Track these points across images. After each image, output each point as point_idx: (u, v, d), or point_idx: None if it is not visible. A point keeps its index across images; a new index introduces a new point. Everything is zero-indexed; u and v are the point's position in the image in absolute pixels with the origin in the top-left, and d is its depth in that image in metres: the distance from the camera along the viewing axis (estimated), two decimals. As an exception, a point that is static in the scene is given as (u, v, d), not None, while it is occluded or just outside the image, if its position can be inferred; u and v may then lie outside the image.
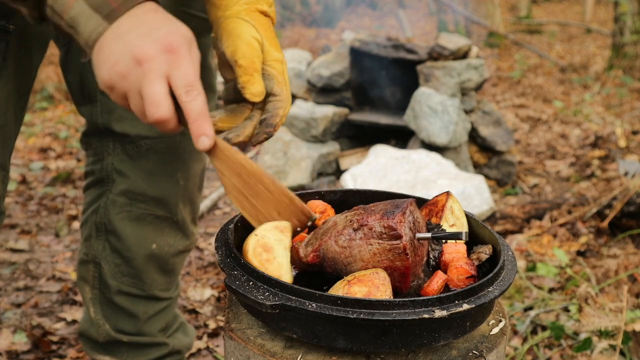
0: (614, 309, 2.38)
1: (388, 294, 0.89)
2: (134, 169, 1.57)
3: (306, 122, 4.40)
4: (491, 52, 10.35)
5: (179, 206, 1.62)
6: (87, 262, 1.64)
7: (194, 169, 1.64)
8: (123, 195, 1.58)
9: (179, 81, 0.95)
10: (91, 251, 1.63)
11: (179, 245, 1.67)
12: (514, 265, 1.00)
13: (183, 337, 1.79)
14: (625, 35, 8.02)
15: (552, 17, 14.86)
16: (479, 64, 4.47)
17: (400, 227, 0.93)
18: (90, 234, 1.63)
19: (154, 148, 1.56)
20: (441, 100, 4.19)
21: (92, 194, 1.64)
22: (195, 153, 1.64)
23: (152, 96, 0.94)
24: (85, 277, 1.66)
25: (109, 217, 1.59)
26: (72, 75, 1.54)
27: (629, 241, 3.24)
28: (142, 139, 1.54)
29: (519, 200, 4.10)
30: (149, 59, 0.94)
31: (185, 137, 1.59)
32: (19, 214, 3.73)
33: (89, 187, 1.65)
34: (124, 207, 1.58)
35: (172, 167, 1.59)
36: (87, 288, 1.66)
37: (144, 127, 1.53)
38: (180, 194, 1.62)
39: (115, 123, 1.54)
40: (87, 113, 1.57)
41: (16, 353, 2.31)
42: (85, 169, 1.67)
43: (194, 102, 0.96)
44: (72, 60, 1.51)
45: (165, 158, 1.57)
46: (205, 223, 3.71)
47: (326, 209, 1.17)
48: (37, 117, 5.91)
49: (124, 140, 1.55)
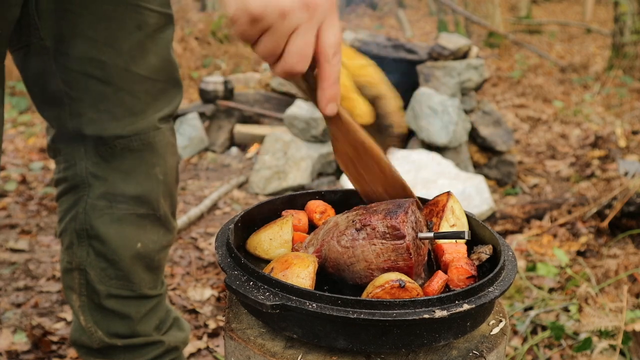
0: (614, 309, 2.38)
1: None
2: (110, 170, 1.53)
3: (306, 122, 4.40)
4: (491, 52, 10.35)
5: (160, 201, 1.60)
6: (71, 270, 1.60)
7: (171, 162, 1.62)
8: (102, 199, 1.54)
9: (332, 40, 0.89)
10: (75, 259, 1.58)
11: (162, 241, 1.64)
12: (514, 265, 1.00)
13: (178, 333, 1.77)
14: (625, 35, 8.02)
15: (552, 17, 14.86)
16: (479, 64, 4.47)
17: (403, 227, 0.93)
18: (71, 242, 1.58)
19: (128, 147, 1.52)
20: (441, 100, 4.19)
21: (68, 201, 1.59)
22: (170, 146, 1.62)
23: (303, 47, 0.87)
24: (71, 286, 1.61)
25: (90, 223, 1.55)
26: (33, 79, 1.48)
27: (629, 241, 3.24)
28: (115, 139, 1.50)
29: (519, 200, 4.10)
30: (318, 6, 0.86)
31: (159, 131, 1.56)
32: (19, 214, 3.73)
33: (63, 194, 1.60)
34: (105, 210, 1.54)
35: (150, 163, 1.56)
36: (75, 296, 1.62)
37: (117, 127, 1.49)
38: (161, 189, 1.59)
39: (86, 126, 1.49)
40: (54, 118, 1.52)
41: (16, 353, 2.31)
42: (56, 177, 1.61)
43: (337, 66, 0.91)
44: (32, 63, 1.45)
45: (142, 155, 1.54)
46: (205, 223, 3.71)
47: (326, 209, 1.17)
48: (37, 117, 5.91)
49: (96, 143, 1.51)
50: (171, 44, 1.57)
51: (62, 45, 1.42)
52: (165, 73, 1.55)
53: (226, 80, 5.42)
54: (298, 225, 1.12)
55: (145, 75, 1.50)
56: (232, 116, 5.40)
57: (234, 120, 5.39)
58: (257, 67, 8.01)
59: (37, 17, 1.38)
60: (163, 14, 1.51)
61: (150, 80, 1.52)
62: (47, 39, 1.41)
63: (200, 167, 4.91)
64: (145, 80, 1.51)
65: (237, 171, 4.81)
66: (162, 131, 1.58)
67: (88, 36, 1.42)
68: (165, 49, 1.53)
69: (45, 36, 1.40)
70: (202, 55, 8.36)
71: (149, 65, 1.50)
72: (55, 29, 1.40)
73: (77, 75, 1.45)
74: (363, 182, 1.06)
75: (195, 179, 4.63)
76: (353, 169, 1.05)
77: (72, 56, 1.43)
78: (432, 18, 15.26)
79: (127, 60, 1.46)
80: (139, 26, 1.46)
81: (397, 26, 13.89)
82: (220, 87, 5.36)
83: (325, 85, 0.92)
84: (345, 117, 0.99)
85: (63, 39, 1.41)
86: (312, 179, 4.34)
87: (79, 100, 1.47)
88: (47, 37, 1.41)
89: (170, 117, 1.61)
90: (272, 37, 0.86)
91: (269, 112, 5.31)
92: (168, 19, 1.53)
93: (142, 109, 1.53)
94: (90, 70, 1.44)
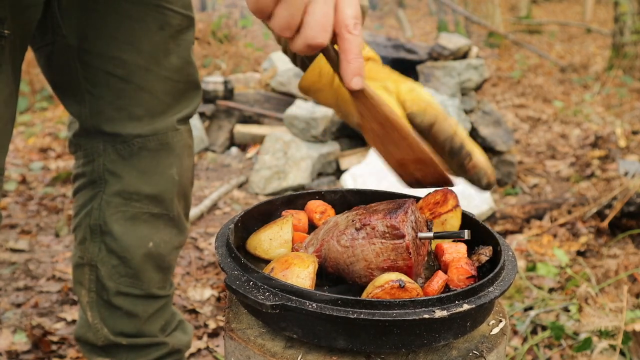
0: (614, 309, 2.38)
1: None
2: (127, 168, 1.54)
3: (306, 122, 4.40)
4: (491, 52, 10.35)
5: (174, 202, 1.61)
6: (82, 265, 1.61)
7: (187, 163, 1.63)
8: (117, 196, 1.55)
9: (351, 10, 0.85)
10: (86, 254, 1.60)
11: (174, 242, 1.65)
12: (514, 265, 1.00)
13: (182, 336, 1.79)
14: (625, 35, 8.03)
15: (552, 17, 14.86)
16: (479, 64, 4.47)
17: (403, 227, 0.93)
18: (84, 237, 1.60)
19: (146, 146, 1.53)
20: (441, 100, 4.19)
21: (84, 197, 1.60)
22: (187, 148, 1.62)
23: (322, 17, 0.83)
24: (81, 281, 1.63)
25: (104, 219, 1.56)
26: (58, 76, 1.50)
27: (629, 241, 3.24)
28: (134, 137, 1.52)
29: (519, 200, 4.10)
30: None
31: (177, 132, 1.57)
32: (19, 214, 3.73)
33: (80, 189, 1.62)
34: (119, 208, 1.55)
35: (167, 163, 1.57)
36: (84, 292, 1.63)
37: (136, 126, 1.51)
38: (176, 189, 1.60)
39: (105, 124, 1.50)
40: (77, 114, 1.54)
41: (16, 353, 2.31)
42: (75, 172, 1.63)
43: (359, 38, 0.87)
44: (55, 61, 1.47)
45: (159, 155, 1.55)
46: (205, 223, 3.71)
47: (326, 209, 1.17)
48: (37, 117, 5.91)
49: (115, 140, 1.53)
50: (192, 46, 1.57)
51: (84, 44, 1.43)
52: (186, 74, 1.56)
53: (226, 80, 5.42)
54: (298, 225, 1.12)
55: (166, 76, 1.51)
56: (232, 116, 5.40)
57: (234, 120, 5.39)
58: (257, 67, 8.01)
59: (60, 16, 1.40)
60: (185, 15, 1.51)
61: (170, 80, 1.52)
62: (70, 37, 1.42)
63: (200, 167, 4.91)
64: (166, 80, 1.52)
65: (237, 171, 4.81)
66: (180, 132, 1.59)
67: (111, 35, 1.43)
68: (186, 51, 1.54)
69: (69, 34, 1.42)
70: (202, 55, 8.36)
71: (170, 66, 1.51)
72: (78, 28, 1.42)
73: (99, 73, 1.46)
74: (391, 158, 1.04)
75: (195, 178, 4.63)
76: (381, 146, 1.03)
77: (95, 54, 1.44)
78: (432, 18, 15.26)
79: (148, 60, 1.47)
80: (162, 27, 1.47)
81: (397, 26, 13.89)
82: (220, 87, 5.36)
83: (349, 58, 0.88)
84: (370, 91, 0.96)
85: (86, 37, 1.43)
86: (312, 179, 4.34)
87: (100, 98, 1.49)
88: (70, 35, 1.42)
89: (188, 119, 1.62)
90: (289, 6, 0.83)
91: (269, 112, 5.31)
92: (190, 21, 1.54)
93: (161, 110, 1.54)
94: (112, 69, 1.46)
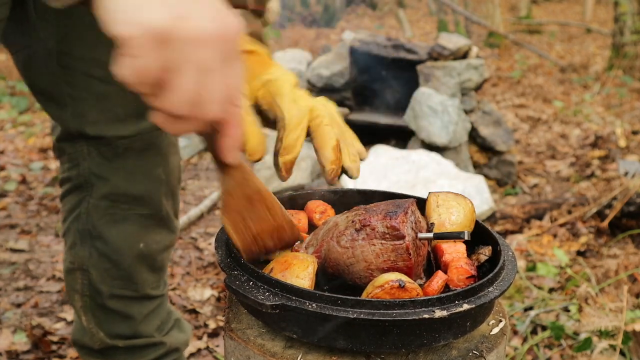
0: (614, 309, 2.38)
1: None
2: (113, 170, 1.53)
3: (306, 122, 4.40)
4: (491, 52, 10.35)
5: (162, 201, 1.60)
6: (74, 270, 1.60)
7: (173, 162, 1.62)
8: (105, 199, 1.54)
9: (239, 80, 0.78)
10: (77, 259, 1.58)
11: (165, 241, 1.64)
12: (514, 265, 1.00)
13: (179, 334, 1.78)
14: (625, 35, 8.02)
15: (552, 17, 14.87)
16: (479, 64, 4.47)
17: (402, 227, 0.93)
18: (74, 242, 1.58)
19: (131, 147, 1.51)
20: (441, 100, 4.19)
21: (71, 201, 1.59)
22: (173, 146, 1.61)
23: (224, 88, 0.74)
24: (73, 286, 1.61)
25: (92, 223, 1.55)
26: (37, 79, 1.47)
27: (629, 241, 3.24)
28: (118, 139, 1.50)
29: (519, 200, 4.10)
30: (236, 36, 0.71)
31: (161, 131, 1.54)
32: (19, 214, 3.73)
33: (67, 194, 1.60)
34: (107, 210, 1.54)
35: (153, 163, 1.55)
36: (77, 296, 1.62)
37: (119, 127, 1.49)
38: (163, 189, 1.59)
39: (88, 127, 1.48)
40: (58, 118, 1.51)
41: (16, 353, 2.31)
42: (61, 176, 1.61)
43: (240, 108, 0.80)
44: (35, 64, 1.44)
45: (145, 155, 1.54)
46: (205, 223, 3.71)
47: (326, 209, 1.17)
48: (37, 117, 5.91)
49: (99, 143, 1.51)
50: None
51: (63, 46, 1.41)
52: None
53: (226, 80, 5.41)
54: (298, 225, 1.12)
55: None
56: (232, 116, 5.39)
57: (234, 120, 5.39)
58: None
59: (36, 18, 1.38)
60: None
61: None
62: (48, 40, 1.40)
63: (200, 167, 4.91)
64: None
65: (237, 171, 4.81)
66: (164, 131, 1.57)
67: (90, 37, 1.41)
68: None
69: (46, 37, 1.40)
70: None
71: None
72: (56, 30, 1.40)
73: (79, 75, 1.44)
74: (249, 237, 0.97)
75: (195, 179, 4.63)
76: (241, 223, 0.96)
77: (73, 56, 1.42)
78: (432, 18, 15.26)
79: None
80: None
81: (397, 26, 13.89)
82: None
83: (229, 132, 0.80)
84: (244, 165, 0.90)
85: (64, 39, 1.41)
86: (312, 179, 4.34)
87: (81, 101, 1.47)
88: (48, 37, 1.40)
89: None
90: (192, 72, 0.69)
91: (269, 112, 5.30)
92: None
93: (144, 109, 1.52)
94: (92, 71, 1.44)
